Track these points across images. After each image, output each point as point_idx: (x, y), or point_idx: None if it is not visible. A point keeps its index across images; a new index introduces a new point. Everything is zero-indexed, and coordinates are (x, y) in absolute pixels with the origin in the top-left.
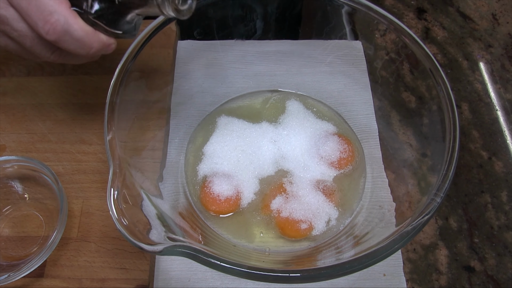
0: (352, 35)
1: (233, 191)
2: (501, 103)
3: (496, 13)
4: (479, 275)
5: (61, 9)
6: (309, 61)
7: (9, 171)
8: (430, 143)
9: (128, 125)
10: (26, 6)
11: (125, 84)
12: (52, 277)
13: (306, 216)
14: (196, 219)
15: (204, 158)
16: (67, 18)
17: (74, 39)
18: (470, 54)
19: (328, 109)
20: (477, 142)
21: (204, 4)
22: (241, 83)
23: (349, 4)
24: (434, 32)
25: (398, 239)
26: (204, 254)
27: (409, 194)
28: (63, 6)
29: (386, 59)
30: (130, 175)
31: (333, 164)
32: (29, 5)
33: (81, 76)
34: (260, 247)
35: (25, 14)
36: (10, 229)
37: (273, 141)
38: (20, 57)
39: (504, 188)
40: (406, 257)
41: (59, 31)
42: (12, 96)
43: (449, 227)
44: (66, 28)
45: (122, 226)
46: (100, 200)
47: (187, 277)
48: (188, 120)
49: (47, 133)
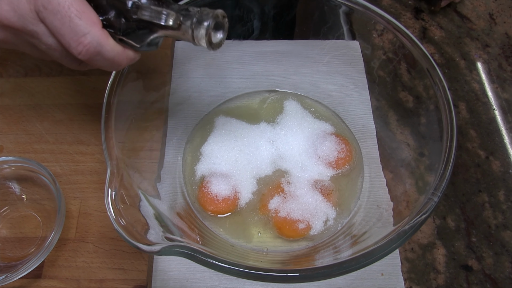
0: (350, 35)
1: (231, 191)
2: (499, 102)
3: (493, 12)
4: (476, 274)
5: (94, 30)
6: (306, 61)
7: (7, 172)
8: (427, 143)
9: (126, 125)
10: (60, 26)
11: (122, 84)
12: (50, 278)
13: (304, 216)
14: (194, 219)
15: (202, 158)
16: (100, 40)
17: (105, 59)
18: (467, 54)
19: (325, 109)
20: (474, 142)
21: (201, 4)
22: (238, 83)
23: (346, 4)
24: (431, 31)
25: (395, 239)
26: (202, 254)
27: (406, 194)
28: (97, 28)
29: (384, 59)
30: (127, 176)
31: (331, 164)
32: (62, 25)
33: (78, 76)
34: (258, 247)
35: (58, 33)
36: (8, 230)
37: (271, 141)
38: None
39: (501, 187)
40: (404, 257)
41: (91, 53)
42: (9, 97)
43: (447, 226)
44: (99, 50)
45: (120, 227)
46: (98, 201)
47: (185, 278)
48: (186, 121)
49: (45, 134)
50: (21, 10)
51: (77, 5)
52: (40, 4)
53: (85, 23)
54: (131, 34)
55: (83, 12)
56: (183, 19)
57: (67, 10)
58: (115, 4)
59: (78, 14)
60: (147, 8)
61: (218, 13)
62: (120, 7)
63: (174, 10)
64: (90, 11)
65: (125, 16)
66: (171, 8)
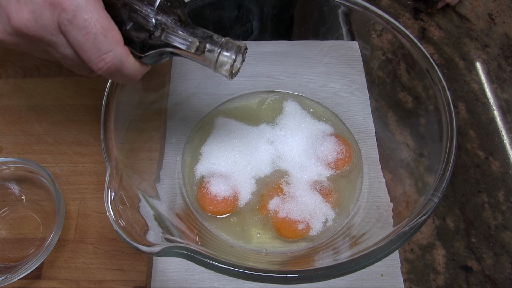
0: (349, 35)
1: (230, 192)
2: (498, 102)
3: (493, 13)
4: (476, 275)
5: (117, 48)
6: (305, 61)
7: (6, 173)
8: (427, 143)
9: (125, 126)
10: (83, 41)
11: (121, 85)
12: (49, 279)
13: (303, 217)
14: (193, 220)
15: (201, 158)
16: (122, 58)
17: (123, 75)
18: (466, 54)
19: (325, 110)
20: (474, 142)
21: (200, 5)
22: (238, 84)
23: (345, 5)
24: (430, 32)
25: (395, 240)
26: (201, 255)
27: (406, 194)
28: (120, 46)
29: (383, 59)
30: (127, 176)
31: (330, 165)
32: (86, 41)
33: (77, 77)
34: (257, 248)
35: (79, 48)
36: (7, 231)
37: (270, 141)
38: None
39: (501, 188)
40: (403, 257)
41: (112, 70)
42: (8, 98)
43: (447, 227)
44: (120, 68)
45: (119, 227)
46: (97, 202)
47: (185, 278)
48: (185, 121)
49: (44, 135)
50: (43, 20)
51: (103, 22)
52: (64, 18)
53: (109, 41)
54: (151, 52)
55: (108, 30)
56: (208, 47)
57: (93, 27)
58: (140, 23)
59: (104, 31)
60: (173, 33)
61: (241, 45)
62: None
63: (199, 36)
64: (114, 29)
65: (148, 36)
66: (195, 34)
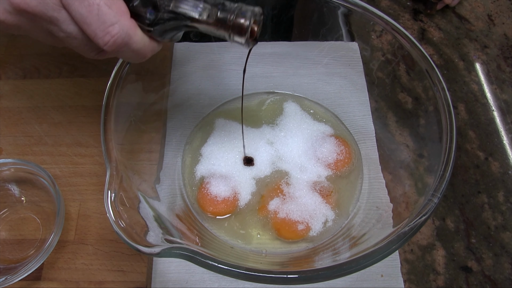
0: (349, 36)
1: (230, 193)
2: (497, 103)
3: (492, 14)
4: (476, 276)
5: (123, 20)
6: (305, 62)
7: (6, 174)
8: (426, 144)
9: (125, 127)
10: (86, 14)
11: (121, 86)
12: (50, 280)
13: (303, 217)
14: (193, 221)
15: (202, 159)
16: (129, 30)
17: (131, 50)
18: (466, 55)
19: (324, 111)
20: (473, 143)
21: None
22: (237, 85)
23: (345, 5)
24: (430, 33)
25: (395, 240)
26: (202, 256)
27: (406, 195)
28: (125, 17)
29: (383, 60)
30: (127, 178)
31: (330, 166)
32: (89, 13)
33: (77, 78)
34: (257, 248)
35: (83, 22)
36: (7, 232)
37: (270, 142)
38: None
39: (500, 188)
40: (403, 258)
41: (119, 44)
42: (8, 99)
43: (446, 227)
44: (127, 41)
45: (120, 228)
46: (97, 203)
47: (185, 279)
48: (185, 122)
49: (44, 136)
50: None
51: None
52: None
53: (114, 12)
54: (160, 26)
55: (113, 0)
56: (220, 14)
57: None
58: None
59: (108, 2)
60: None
61: (256, 10)
62: None
63: (210, 3)
64: (119, 0)
65: (156, 6)
66: (207, 1)
